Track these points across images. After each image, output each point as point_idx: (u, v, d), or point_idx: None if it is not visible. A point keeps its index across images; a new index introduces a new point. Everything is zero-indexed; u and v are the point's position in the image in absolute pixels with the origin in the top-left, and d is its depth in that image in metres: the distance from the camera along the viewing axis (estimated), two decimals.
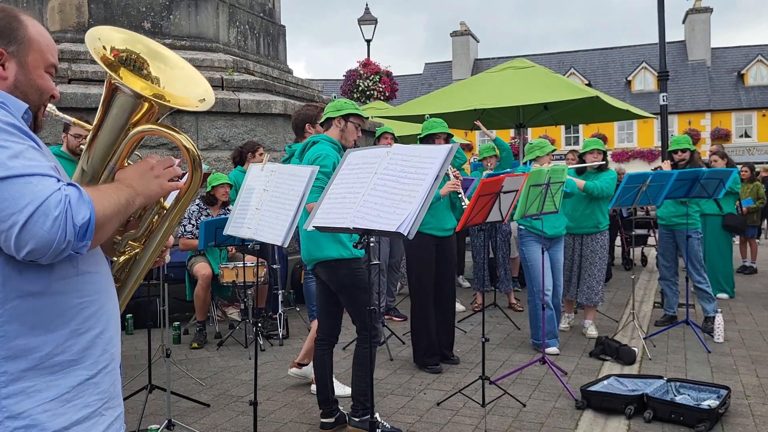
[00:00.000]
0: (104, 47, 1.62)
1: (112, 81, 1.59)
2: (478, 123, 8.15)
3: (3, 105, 1.42)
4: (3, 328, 1.34)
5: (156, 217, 1.78)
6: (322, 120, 4.26)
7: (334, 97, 4.69)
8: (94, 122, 1.65)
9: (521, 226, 5.87)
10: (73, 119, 1.81)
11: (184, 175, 1.70)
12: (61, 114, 1.72)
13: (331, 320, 4.17)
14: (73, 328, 1.44)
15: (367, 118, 4.51)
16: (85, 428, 1.46)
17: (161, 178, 1.63)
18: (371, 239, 2.78)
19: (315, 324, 4.95)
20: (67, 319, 1.43)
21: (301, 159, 4.19)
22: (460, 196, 5.20)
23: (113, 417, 1.54)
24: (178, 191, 1.73)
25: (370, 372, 3.05)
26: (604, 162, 6.31)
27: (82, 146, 5.15)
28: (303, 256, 4.15)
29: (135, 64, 1.64)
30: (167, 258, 2.13)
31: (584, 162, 6.32)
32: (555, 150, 6.12)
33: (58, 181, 1.36)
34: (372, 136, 8.52)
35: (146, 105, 1.59)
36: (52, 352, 1.40)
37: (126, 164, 1.66)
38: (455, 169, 5.40)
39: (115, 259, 1.78)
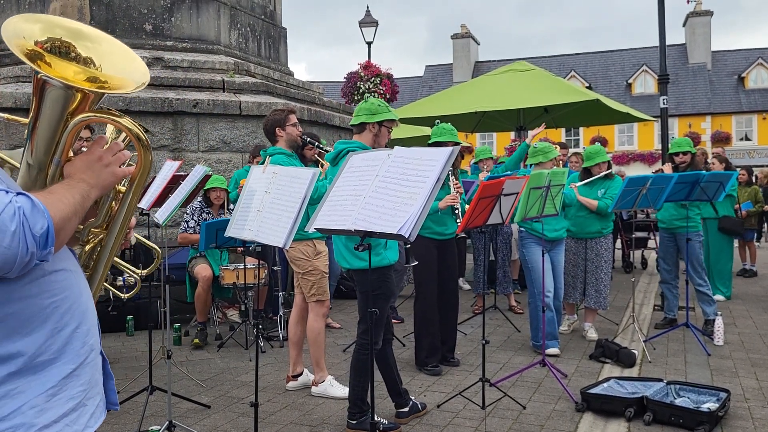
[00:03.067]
0: (26, 39, 1.53)
1: (39, 76, 1.51)
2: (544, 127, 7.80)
3: None
4: None
5: (114, 202, 1.76)
6: (356, 122, 4.27)
7: (366, 98, 4.70)
8: (30, 115, 1.59)
9: (522, 229, 5.88)
10: (6, 115, 1.75)
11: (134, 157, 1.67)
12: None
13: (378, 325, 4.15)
14: (50, 327, 1.43)
15: (398, 120, 4.51)
16: (72, 420, 1.47)
17: (112, 166, 1.60)
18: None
19: (290, 330, 4.97)
20: (42, 320, 1.42)
21: (335, 166, 4.23)
22: (457, 212, 5.18)
23: (94, 406, 1.55)
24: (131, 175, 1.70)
25: (371, 376, 3.07)
26: (609, 170, 6.32)
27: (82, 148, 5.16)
28: (341, 263, 4.22)
29: (60, 49, 1.56)
30: (132, 240, 2.12)
31: (591, 175, 6.29)
32: (558, 155, 6.13)
33: (7, 192, 1.33)
34: None
35: (79, 95, 1.53)
36: (34, 354, 1.39)
37: (71, 155, 1.62)
38: (457, 182, 5.37)
39: (80, 248, 1.76)
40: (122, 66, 1.62)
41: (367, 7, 20.06)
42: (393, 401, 4.35)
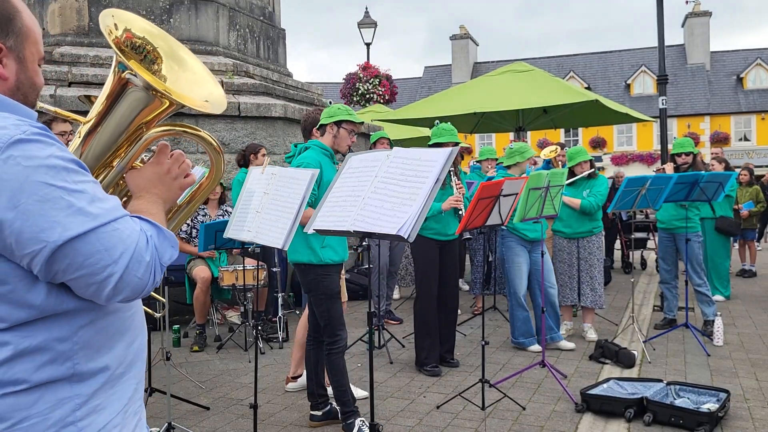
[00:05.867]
0: (116, 26, 1.45)
1: (123, 74, 1.43)
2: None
3: (46, 135, 1.23)
4: (78, 355, 1.28)
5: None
6: (318, 126, 4.34)
7: (329, 102, 4.73)
8: (94, 115, 1.49)
9: (503, 228, 5.89)
10: (57, 110, 1.59)
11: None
12: (45, 105, 1.53)
13: (317, 318, 4.25)
14: (128, 340, 1.39)
15: (362, 123, 4.55)
16: None
17: (179, 179, 1.54)
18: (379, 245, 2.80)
19: (298, 331, 4.99)
20: (122, 333, 1.38)
21: (291, 164, 4.28)
22: (460, 212, 5.18)
23: (144, 418, 1.52)
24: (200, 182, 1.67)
25: (371, 378, 3.06)
26: (592, 170, 6.36)
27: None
28: (287, 256, 4.29)
29: (147, 55, 1.50)
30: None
31: (574, 174, 6.33)
32: (534, 154, 6.25)
33: (131, 217, 1.29)
34: (368, 139, 8.52)
35: (166, 103, 1.46)
36: (116, 368, 1.36)
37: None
38: (460, 183, 5.38)
39: None
40: (190, 88, 1.57)
41: (366, 8, 20.08)
42: (309, 401, 4.35)
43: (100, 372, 1.33)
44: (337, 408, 4.24)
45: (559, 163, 8.03)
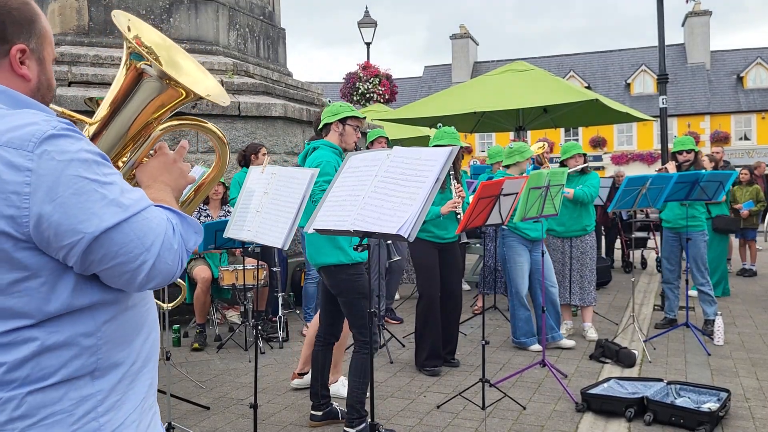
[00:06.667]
0: (129, 29, 1.50)
1: (139, 64, 1.45)
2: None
3: (74, 130, 1.27)
4: (101, 350, 1.31)
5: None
6: (320, 126, 4.30)
7: (329, 101, 4.71)
8: (104, 113, 1.52)
9: (504, 227, 5.89)
10: (64, 110, 1.55)
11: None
12: (52, 105, 1.53)
13: (329, 319, 4.25)
14: (144, 335, 1.42)
15: (364, 117, 4.53)
16: (152, 429, 1.45)
17: (184, 168, 1.58)
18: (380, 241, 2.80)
19: (310, 329, 4.98)
20: (140, 327, 1.41)
21: (304, 165, 4.24)
22: (458, 217, 5.16)
23: (157, 412, 1.53)
24: (208, 173, 1.72)
25: (371, 377, 3.05)
26: (585, 165, 6.40)
27: None
28: (308, 259, 4.21)
29: (147, 62, 1.53)
30: None
31: (567, 168, 6.35)
32: (532, 155, 6.31)
33: (156, 207, 1.33)
34: (366, 138, 8.52)
35: (180, 92, 1.48)
36: (133, 362, 1.38)
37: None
38: (460, 186, 5.35)
39: None
40: (186, 83, 1.58)
41: (366, 8, 20.07)
42: (311, 401, 4.34)
43: (119, 367, 1.35)
44: (338, 409, 4.23)
45: (546, 159, 8.06)
